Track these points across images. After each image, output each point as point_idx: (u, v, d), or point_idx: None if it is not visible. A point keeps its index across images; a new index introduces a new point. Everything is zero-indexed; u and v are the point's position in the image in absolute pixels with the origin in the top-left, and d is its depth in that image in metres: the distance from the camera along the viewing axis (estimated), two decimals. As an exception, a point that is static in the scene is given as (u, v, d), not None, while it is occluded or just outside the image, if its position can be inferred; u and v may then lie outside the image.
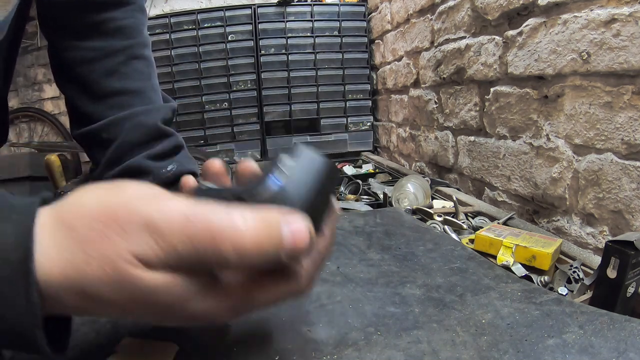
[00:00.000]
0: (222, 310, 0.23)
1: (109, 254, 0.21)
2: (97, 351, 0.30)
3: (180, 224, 0.21)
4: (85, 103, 0.55)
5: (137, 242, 0.21)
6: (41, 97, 3.08)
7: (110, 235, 0.21)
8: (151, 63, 0.59)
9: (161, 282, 0.22)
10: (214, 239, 0.21)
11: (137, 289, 0.22)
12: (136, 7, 0.57)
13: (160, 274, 0.22)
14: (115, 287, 0.21)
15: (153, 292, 0.22)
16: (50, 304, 0.22)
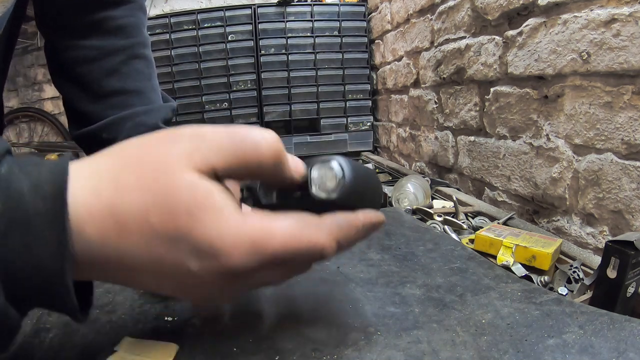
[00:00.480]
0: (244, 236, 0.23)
1: (155, 159, 0.22)
2: (97, 351, 0.30)
3: (225, 133, 0.23)
4: (85, 103, 0.54)
5: (187, 147, 0.23)
6: (41, 97, 3.08)
7: (158, 145, 0.23)
8: (151, 63, 0.59)
9: (213, 188, 0.22)
10: (256, 145, 0.23)
11: (182, 191, 0.22)
12: (136, 6, 0.57)
13: (206, 178, 0.22)
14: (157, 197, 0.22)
15: (196, 194, 0.22)
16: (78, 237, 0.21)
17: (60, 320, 0.35)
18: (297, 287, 0.40)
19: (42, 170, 0.21)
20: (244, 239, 0.22)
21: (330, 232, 0.25)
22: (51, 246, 0.20)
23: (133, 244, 0.22)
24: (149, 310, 0.36)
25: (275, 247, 0.23)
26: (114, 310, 0.36)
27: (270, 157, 0.24)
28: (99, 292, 0.40)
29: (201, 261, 0.22)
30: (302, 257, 0.25)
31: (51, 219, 0.20)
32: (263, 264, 0.23)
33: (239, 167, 0.24)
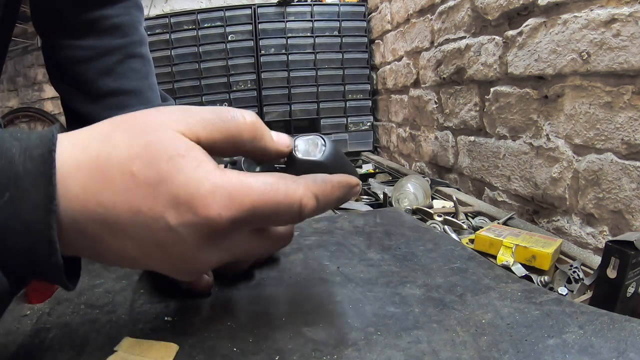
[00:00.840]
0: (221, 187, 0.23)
1: (144, 122, 0.24)
2: (97, 351, 0.30)
3: (209, 109, 0.26)
4: (82, 103, 0.54)
5: (174, 115, 0.24)
6: (41, 97, 3.08)
7: (148, 114, 0.24)
8: (148, 61, 0.58)
9: (196, 146, 0.24)
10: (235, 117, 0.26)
11: (166, 141, 0.23)
12: (131, 4, 0.57)
13: (191, 141, 0.24)
14: (142, 148, 0.22)
15: (179, 144, 0.23)
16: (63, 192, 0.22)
17: (60, 320, 0.35)
18: (297, 287, 0.40)
19: (32, 136, 0.22)
20: (221, 190, 0.23)
21: (306, 185, 0.26)
22: (37, 201, 0.21)
23: (114, 195, 0.22)
24: (149, 310, 0.36)
25: (253, 198, 0.23)
26: (114, 310, 0.36)
27: (249, 129, 0.26)
28: (99, 292, 0.40)
29: (179, 212, 0.22)
30: (281, 210, 0.25)
31: (38, 177, 0.21)
32: (242, 219, 0.23)
33: (221, 138, 0.25)
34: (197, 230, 0.23)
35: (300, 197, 0.25)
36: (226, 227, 0.23)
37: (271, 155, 0.28)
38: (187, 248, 0.24)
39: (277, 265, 0.45)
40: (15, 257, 0.21)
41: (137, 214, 0.22)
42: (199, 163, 0.23)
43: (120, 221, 0.22)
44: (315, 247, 0.49)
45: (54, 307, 0.37)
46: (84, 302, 0.38)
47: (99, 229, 0.23)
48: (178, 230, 0.23)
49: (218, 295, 0.38)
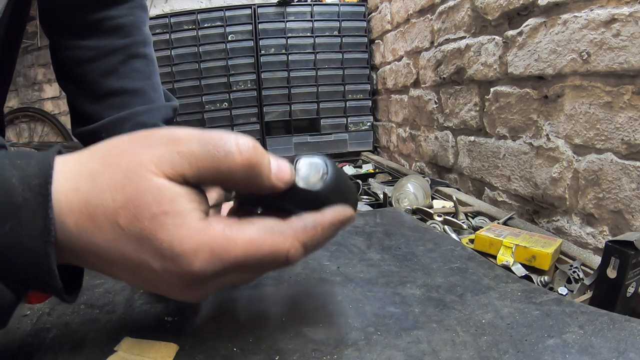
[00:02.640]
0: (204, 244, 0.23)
1: (128, 162, 0.23)
2: (97, 351, 0.30)
3: (198, 139, 0.24)
4: (85, 102, 0.55)
5: (159, 152, 0.23)
6: (41, 97, 3.08)
7: (133, 149, 0.24)
8: (152, 61, 0.59)
9: (180, 192, 0.23)
10: (227, 153, 0.24)
11: (149, 196, 0.23)
12: (135, 4, 0.57)
13: (175, 184, 0.23)
14: (126, 199, 0.23)
15: (162, 199, 0.23)
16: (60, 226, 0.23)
17: (60, 320, 0.35)
18: (297, 287, 0.40)
19: (31, 163, 0.23)
20: (204, 247, 0.23)
21: (295, 235, 0.25)
22: (36, 233, 0.22)
23: (104, 239, 0.23)
24: (149, 310, 0.36)
25: (237, 254, 0.24)
26: (114, 310, 0.36)
27: (242, 169, 0.24)
28: (99, 292, 0.40)
29: (163, 263, 0.23)
30: (266, 262, 0.25)
31: (37, 208, 0.22)
32: (224, 270, 0.24)
33: (209, 175, 0.24)
34: (180, 279, 0.24)
35: (288, 249, 0.25)
36: (209, 278, 0.24)
37: (265, 191, 0.26)
38: (173, 287, 0.25)
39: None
40: (18, 276, 0.23)
41: (127, 259, 0.23)
42: (183, 219, 0.23)
43: (112, 260, 0.24)
44: (315, 247, 0.49)
45: (54, 307, 0.37)
46: (84, 302, 0.38)
47: (94, 259, 0.24)
48: (164, 276, 0.24)
49: (218, 295, 0.38)
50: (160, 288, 0.25)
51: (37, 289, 0.24)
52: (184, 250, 0.23)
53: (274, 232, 0.25)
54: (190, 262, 0.23)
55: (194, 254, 0.23)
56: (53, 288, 0.23)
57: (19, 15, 0.48)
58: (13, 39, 0.51)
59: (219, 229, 0.24)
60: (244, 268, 0.25)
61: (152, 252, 0.23)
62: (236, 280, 0.27)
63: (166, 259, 0.23)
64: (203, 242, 0.23)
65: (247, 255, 0.24)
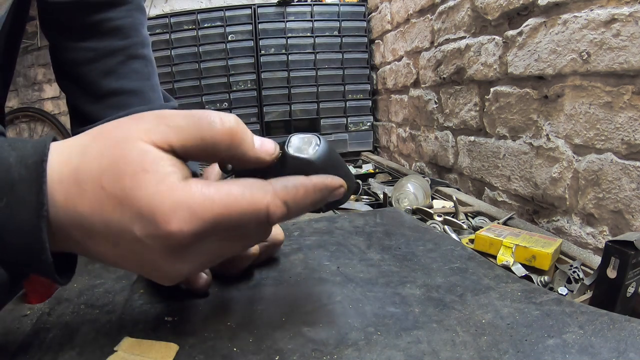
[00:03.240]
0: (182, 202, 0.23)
1: (118, 133, 0.24)
2: (97, 351, 0.30)
3: (184, 114, 0.25)
4: (85, 103, 0.55)
5: (147, 125, 0.24)
6: (41, 97, 3.08)
7: (123, 124, 0.25)
8: (150, 62, 0.59)
9: (164, 157, 0.24)
10: (210, 123, 0.25)
11: (132, 157, 0.23)
12: (133, 6, 0.57)
13: (159, 150, 0.24)
14: (111, 162, 0.23)
15: (144, 159, 0.23)
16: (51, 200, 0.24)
17: (60, 320, 0.35)
18: (297, 287, 0.40)
19: (27, 145, 0.24)
20: (182, 205, 0.23)
21: (274, 191, 0.25)
22: (30, 207, 0.23)
23: (89, 205, 0.24)
24: (149, 310, 0.36)
25: (215, 211, 0.24)
26: (114, 310, 0.36)
27: (225, 137, 0.25)
28: (99, 292, 0.40)
29: (143, 225, 0.23)
30: (246, 220, 0.25)
31: (31, 184, 0.23)
32: (204, 231, 0.24)
33: (195, 144, 0.25)
34: (161, 243, 0.24)
35: (267, 205, 0.25)
36: (189, 240, 0.24)
37: (250, 163, 0.27)
38: (156, 257, 0.24)
39: (277, 265, 0.45)
40: (11, 253, 0.24)
41: (108, 225, 0.24)
42: (163, 178, 0.23)
43: (96, 229, 0.24)
44: (315, 247, 0.49)
45: (54, 307, 0.37)
46: (84, 302, 0.38)
47: (80, 234, 0.24)
48: (145, 241, 0.23)
49: (218, 295, 0.38)
50: (143, 262, 0.25)
51: (30, 269, 0.25)
52: (162, 208, 0.23)
53: (253, 188, 0.25)
54: (168, 220, 0.23)
55: (172, 211, 0.23)
56: (44, 264, 0.24)
57: (20, 16, 0.49)
58: (14, 38, 0.51)
59: (197, 188, 0.24)
60: (225, 228, 0.25)
61: (131, 213, 0.23)
62: (221, 249, 0.26)
63: (144, 220, 0.23)
64: (181, 199, 0.23)
65: (226, 211, 0.24)
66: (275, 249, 0.45)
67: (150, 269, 0.26)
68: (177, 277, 0.26)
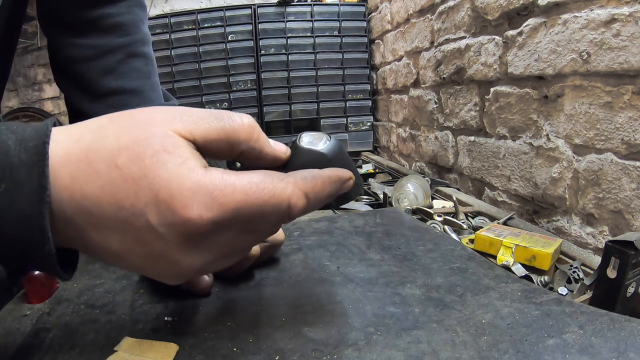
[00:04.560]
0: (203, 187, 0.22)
1: (140, 117, 0.24)
2: (97, 351, 0.30)
3: (207, 111, 0.25)
4: (84, 102, 0.54)
5: (170, 115, 0.24)
6: (41, 97, 3.08)
7: (145, 110, 0.24)
8: (151, 60, 0.58)
9: (186, 144, 0.23)
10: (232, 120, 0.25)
11: (154, 138, 0.22)
12: (134, 3, 0.57)
13: (182, 138, 0.23)
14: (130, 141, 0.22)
15: (166, 141, 0.22)
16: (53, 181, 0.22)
17: (60, 321, 0.35)
18: (297, 287, 0.40)
19: (27, 129, 0.22)
20: (203, 189, 0.22)
21: (295, 183, 0.25)
22: (31, 192, 0.21)
23: (99, 187, 0.22)
24: (149, 310, 0.36)
25: (237, 199, 0.23)
26: (114, 310, 0.36)
27: (245, 129, 0.25)
28: (99, 292, 0.40)
29: (159, 211, 0.22)
30: (267, 211, 0.24)
31: (32, 167, 0.21)
32: (224, 220, 0.23)
33: (216, 136, 0.25)
34: (177, 231, 0.22)
35: (289, 196, 0.24)
36: (207, 229, 0.22)
37: (268, 158, 0.27)
38: (169, 248, 0.23)
39: (277, 265, 0.45)
40: (11, 244, 0.22)
41: (119, 209, 0.22)
42: (184, 160, 0.22)
43: (105, 215, 0.22)
44: (315, 247, 0.49)
45: (54, 307, 0.37)
46: (84, 302, 0.38)
47: (85, 220, 0.22)
48: (158, 229, 0.22)
49: (218, 295, 0.38)
50: (151, 255, 0.23)
51: (30, 262, 0.23)
52: (181, 190, 0.22)
53: (274, 178, 0.24)
54: (187, 204, 0.22)
55: (191, 194, 0.22)
56: (46, 255, 0.22)
57: (16, 10, 0.48)
58: (10, 33, 0.50)
59: (218, 174, 0.23)
60: (246, 219, 0.24)
61: (148, 196, 0.22)
62: (237, 242, 0.25)
63: (161, 204, 0.22)
64: (202, 183, 0.22)
65: (248, 201, 0.23)
66: (276, 249, 0.45)
67: (158, 264, 0.24)
68: (185, 273, 0.25)
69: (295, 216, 0.25)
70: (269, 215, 0.24)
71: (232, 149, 0.26)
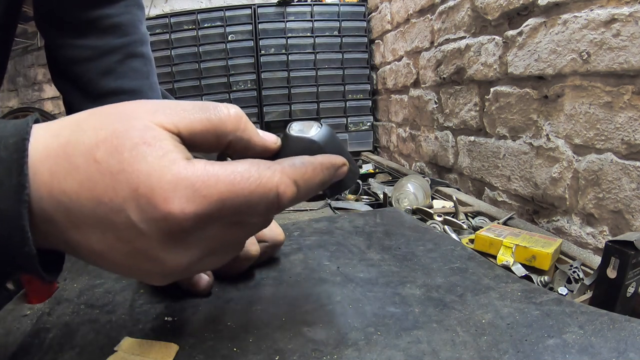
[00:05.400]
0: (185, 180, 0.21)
1: (121, 110, 0.23)
2: (97, 351, 0.30)
3: (191, 102, 0.24)
4: (82, 103, 0.54)
5: (153, 107, 0.23)
6: (41, 97, 3.08)
7: (129, 103, 0.23)
8: (149, 60, 0.58)
9: (168, 136, 0.22)
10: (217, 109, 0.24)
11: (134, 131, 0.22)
12: (132, 3, 0.56)
13: (165, 130, 0.22)
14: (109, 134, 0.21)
15: (146, 133, 0.22)
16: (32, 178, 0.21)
17: (60, 320, 0.35)
18: (297, 287, 0.40)
19: (8, 125, 0.22)
20: (184, 182, 0.21)
21: (283, 170, 0.24)
22: (10, 191, 0.20)
23: (77, 182, 0.21)
24: (149, 310, 0.36)
25: (221, 190, 0.22)
26: (114, 310, 0.36)
27: (232, 120, 0.25)
28: (99, 292, 0.40)
29: (139, 206, 0.21)
30: (254, 201, 0.23)
31: (11, 165, 0.20)
32: (209, 213, 0.22)
33: (202, 128, 0.24)
34: (159, 227, 0.21)
35: (277, 184, 0.23)
36: (191, 224, 0.21)
37: (257, 148, 0.26)
38: (151, 245, 0.22)
39: (277, 265, 0.45)
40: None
41: (98, 205, 0.21)
42: (165, 153, 0.21)
43: (84, 212, 0.21)
44: (315, 247, 0.49)
45: (54, 307, 0.37)
46: (84, 302, 0.38)
47: (64, 219, 0.22)
48: (139, 225, 0.21)
49: (218, 295, 0.38)
50: (134, 254, 0.22)
51: (11, 265, 0.22)
52: (161, 183, 0.21)
53: (260, 167, 0.23)
54: (168, 199, 0.21)
55: (173, 189, 0.21)
56: (26, 256, 0.21)
57: (12, 13, 0.47)
58: (6, 31, 0.49)
59: (201, 165, 0.22)
60: (232, 211, 0.22)
61: (126, 191, 0.21)
62: (226, 236, 0.24)
63: (141, 198, 0.21)
64: (184, 175, 0.21)
65: (232, 191, 0.22)
66: (276, 249, 0.45)
67: (141, 263, 0.23)
68: (170, 272, 0.23)
69: (285, 205, 0.24)
70: (257, 205, 0.23)
71: (219, 140, 0.25)
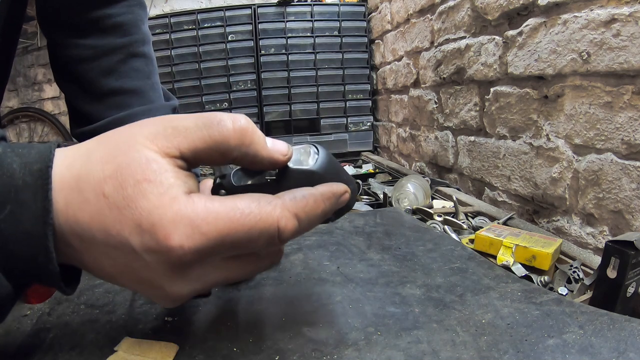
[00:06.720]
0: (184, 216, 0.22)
1: (123, 138, 0.24)
2: (97, 351, 0.30)
3: (193, 117, 0.24)
4: (84, 102, 0.54)
5: (154, 129, 0.24)
6: (41, 97, 3.08)
7: (129, 128, 0.24)
8: (151, 60, 0.58)
9: (168, 168, 0.23)
10: (220, 123, 0.24)
11: (135, 164, 0.22)
12: (134, 2, 0.56)
13: (165, 159, 0.23)
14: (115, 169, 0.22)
15: (148, 168, 0.22)
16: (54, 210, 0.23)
17: (60, 320, 0.35)
18: (297, 287, 0.40)
19: (32, 151, 0.23)
20: (184, 219, 0.22)
21: (283, 205, 0.24)
22: (35, 215, 0.22)
23: (89, 213, 0.23)
24: (149, 310, 0.36)
25: (220, 227, 0.22)
26: (114, 310, 0.36)
27: (236, 135, 0.24)
28: (99, 292, 0.40)
29: (142, 239, 0.22)
30: (254, 236, 0.23)
31: (37, 191, 0.22)
32: (207, 249, 0.23)
33: (204, 146, 0.24)
34: (161, 260, 0.22)
35: (277, 219, 0.24)
36: (190, 258, 0.23)
37: (264, 163, 0.26)
38: (156, 275, 0.23)
39: (277, 266, 0.45)
40: (17, 263, 0.23)
41: (108, 236, 0.23)
42: (166, 189, 0.22)
43: (95, 240, 0.23)
44: (315, 247, 0.49)
45: (54, 307, 0.37)
46: (84, 302, 0.38)
47: (79, 244, 0.23)
48: (143, 256, 0.22)
49: (218, 295, 0.38)
50: (141, 280, 0.24)
51: (35, 279, 0.24)
52: (162, 221, 0.22)
53: (261, 202, 0.24)
54: (168, 234, 0.22)
55: (173, 225, 0.22)
56: (50, 273, 0.23)
57: (16, 11, 0.48)
58: (11, 34, 0.49)
59: (201, 202, 0.23)
60: (231, 246, 0.23)
61: (131, 224, 0.22)
62: (229, 272, 0.25)
63: (144, 232, 0.22)
64: (183, 213, 0.22)
65: (232, 227, 0.23)
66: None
67: (148, 288, 0.24)
68: (177, 298, 0.25)
69: (286, 239, 0.25)
70: (257, 240, 0.24)
71: (223, 156, 0.25)
